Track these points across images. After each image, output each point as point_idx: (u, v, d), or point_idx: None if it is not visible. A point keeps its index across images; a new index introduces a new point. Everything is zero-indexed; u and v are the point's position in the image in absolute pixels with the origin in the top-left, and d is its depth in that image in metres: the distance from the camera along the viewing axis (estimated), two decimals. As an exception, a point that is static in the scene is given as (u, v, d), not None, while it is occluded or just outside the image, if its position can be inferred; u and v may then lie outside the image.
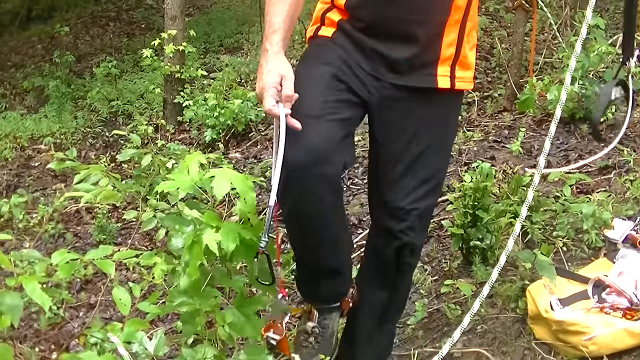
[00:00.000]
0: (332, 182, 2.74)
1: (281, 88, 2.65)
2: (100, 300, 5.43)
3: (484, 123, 6.87)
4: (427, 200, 3.08)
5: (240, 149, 8.11)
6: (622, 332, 3.59)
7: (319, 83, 2.81)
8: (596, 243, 4.38)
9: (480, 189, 4.50)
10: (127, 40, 12.41)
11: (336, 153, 2.70)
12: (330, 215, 2.84)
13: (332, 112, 2.75)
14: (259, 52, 10.01)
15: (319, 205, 2.74)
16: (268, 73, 2.68)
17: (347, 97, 2.84)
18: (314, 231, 2.84)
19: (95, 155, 9.07)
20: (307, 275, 3.10)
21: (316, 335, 3.10)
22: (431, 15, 2.87)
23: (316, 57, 2.97)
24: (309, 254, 2.98)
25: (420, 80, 2.95)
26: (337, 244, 2.98)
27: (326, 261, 2.97)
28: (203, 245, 2.81)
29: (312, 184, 2.66)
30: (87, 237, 7.03)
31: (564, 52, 6.78)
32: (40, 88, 10.84)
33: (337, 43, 2.94)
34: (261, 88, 2.68)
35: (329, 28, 2.99)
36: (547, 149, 3.21)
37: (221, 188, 2.89)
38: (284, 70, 2.68)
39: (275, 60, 2.72)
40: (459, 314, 4.24)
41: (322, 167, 2.65)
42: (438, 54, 2.93)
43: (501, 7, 8.93)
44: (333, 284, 3.09)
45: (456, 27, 2.93)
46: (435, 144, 3.05)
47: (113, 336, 2.94)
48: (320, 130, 2.68)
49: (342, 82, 2.84)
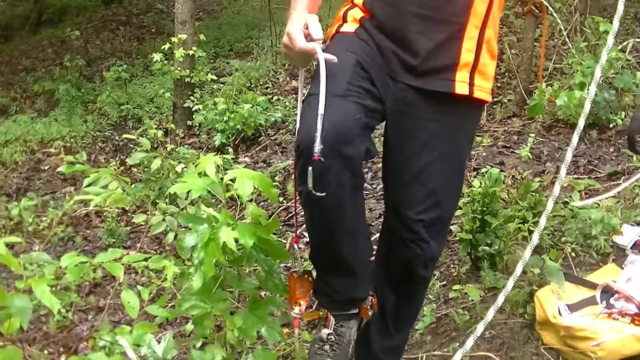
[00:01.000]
0: (353, 166, 2.63)
1: (307, 31, 2.67)
2: (109, 304, 5.45)
3: (493, 128, 6.88)
4: (434, 211, 2.97)
5: (249, 153, 8.12)
6: (630, 338, 3.58)
7: (345, 65, 2.72)
8: (605, 249, 4.38)
9: (489, 194, 4.50)
10: (137, 44, 12.43)
11: (359, 135, 2.62)
12: (349, 204, 2.73)
13: (357, 96, 2.67)
14: (269, 56, 10.09)
15: (338, 190, 2.62)
16: (293, 20, 2.72)
17: (369, 87, 2.76)
18: (331, 218, 2.72)
19: (104, 159, 9.09)
20: (322, 268, 2.98)
21: (332, 343, 2.96)
22: (446, 15, 2.82)
23: (340, 45, 2.87)
24: (324, 243, 2.86)
25: (437, 85, 2.86)
26: (354, 237, 2.86)
27: (341, 253, 2.84)
28: (221, 243, 2.79)
29: (332, 164, 2.54)
30: (96, 241, 7.05)
31: (573, 58, 6.78)
32: (51, 92, 10.87)
33: (361, 38, 2.88)
34: (288, 33, 2.69)
35: (352, 24, 2.93)
36: (568, 159, 3.15)
37: (245, 188, 2.89)
38: (308, 16, 2.71)
39: (299, 13, 2.75)
40: (467, 319, 4.24)
41: (344, 147, 2.55)
42: (457, 59, 2.86)
43: (511, 13, 8.94)
44: (348, 283, 2.96)
45: (475, 33, 2.88)
46: (447, 154, 2.94)
47: (122, 339, 2.95)
48: (344, 109, 2.60)
49: (366, 72, 2.77)
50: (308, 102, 2.66)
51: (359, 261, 2.94)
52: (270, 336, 3.08)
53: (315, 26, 2.68)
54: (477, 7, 2.85)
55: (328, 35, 3.02)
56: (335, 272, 2.94)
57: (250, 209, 3.03)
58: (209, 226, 2.92)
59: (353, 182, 2.68)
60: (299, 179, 2.63)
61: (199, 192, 2.95)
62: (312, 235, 2.91)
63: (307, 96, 2.71)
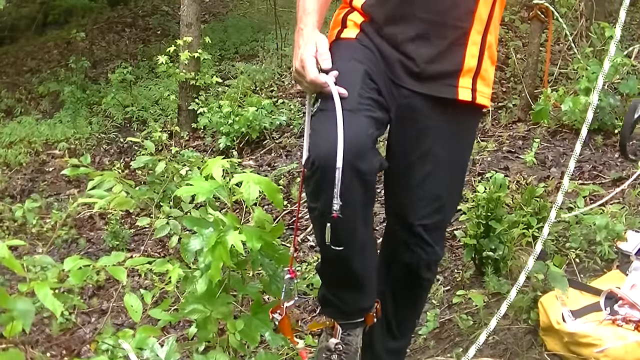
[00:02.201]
0: (367, 181, 2.61)
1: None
2: (112, 307, 5.45)
3: (498, 133, 6.87)
4: (436, 216, 2.99)
5: (254, 156, 8.13)
6: (634, 345, 3.57)
7: (354, 76, 2.71)
8: (609, 255, 4.37)
9: (493, 199, 4.49)
10: (143, 46, 12.44)
11: (372, 149, 2.62)
12: (361, 220, 2.72)
13: (368, 109, 2.66)
14: (274, 59, 10.10)
15: (351, 208, 2.59)
16: (305, 45, 2.69)
17: (378, 97, 2.74)
18: (343, 236, 2.68)
19: (109, 161, 9.11)
20: (330, 282, 2.97)
21: (339, 353, 2.94)
22: (451, 20, 2.81)
23: (346, 54, 2.84)
24: (334, 259, 2.81)
25: (440, 90, 2.85)
26: (364, 252, 2.84)
27: (351, 267, 2.82)
28: (229, 246, 2.79)
29: (348, 181, 2.52)
30: (100, 243, 7.06)
31: (579, 63, 6.78)
32: (56, 93, 10.90)
33: (363, 44, 2.86)
34: (301, 61, 2.67)
35: (353, 30, 2.92)
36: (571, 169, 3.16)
37: (251, 192, 2.89)
38: (319, 40, 2.69)
39: (310, 34, 2.73)
40: (470, 325, 4.23)
41: (360, 163, 2.54)
42: (461, 65, 2.85)
43: (517, 18, 8.94)
44: (357, 296, 2.95)
45: (478, 39, 2.86)
46: (451, 159, 2.96)
47: (124, 342, 2.94)
48: (358, 125, 2.58)
49: (374, 82, 2.75)
50: (318, 117, 2.66)
51: (368, 273, 2.93)
52: (274, 340, 3.08)
53: (324, 55, 2.67)
54: (481, 12, 2.84)
55: (329, 40, 2.94)
56: (344, 285, 2.92)
57: (256, 213, 3.03)
58: (215, 230, 2.92)
59: (366, 197, 2.67)
60: (311, 197, 2.65)
61: (205, 195, 2.95)
62: (323, 250, 2.87)
63: (317, 110, 2.69)
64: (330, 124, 2.52)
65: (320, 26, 2.83)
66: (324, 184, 2.52)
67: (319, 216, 2.65)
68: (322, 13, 2.86)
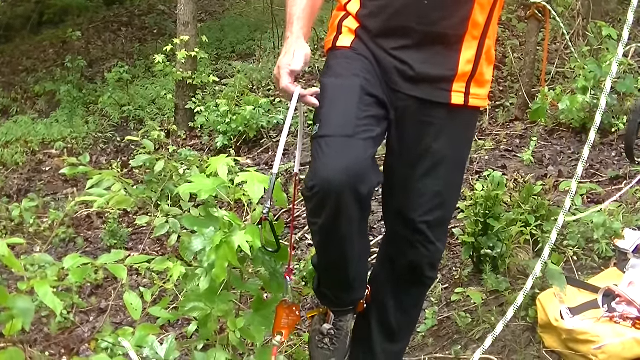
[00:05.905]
0: (364, 201, 2.72)
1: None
2: (111, 305, 5.45)
3: (496, 132, 6.88)
4: (437, 212, 3.05)
5: (251, 155, 8.12)
6: (631, 342, 3.58)
7: (351, 98, 2.79)
8: (607, 253, 4.38)
9: (491, 197, 4.50)
10: (139, 45, 12.42)
11: (370, 168, 2.71)
12: (357, 235, 2.83)
13: (365, 130, 2.73)
14: (271, 58, 10.08)
15: (348, 226, 2.73)
16: (284, 54, 2.77)
17: (376, 112, 2.82)
18: (340, 249, 2.84)
19: (106, 160, 9.09)
20: (328, 285, 3.08)
21: (331, 337, 3.12)
22: (444, 29, 2.83)
23: (342, 68, 2.92)
24: (331, 266, 2.98)
25: (433, 95, 2.90)
26: (360, 261, 2.99)
27: (347, 274, 2.96)
28: (235, 246, 2.81)
29: (348, 204, 2.65)
30: (97, 242, 7.05)
31: (576, 62, 6.78)
32: (52, 93, 10.87)
33: (359, 52, 2.91)
34: (277, 68, 2.77)
35: (348, 36, 2.96)
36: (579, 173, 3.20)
37: (256, 191, 2.92)
38: (298, 48, 2.77)
39: (294, 43, 2.79)
40: (469, 322, 4.24)
41: (359, 187, 2.64)
42: (455, 70, 2.88)
43: (514, 17, 8.94)
44: (350, 293, 3.08)
45: (475, 44, 2.89)
46: (450, 157, 3.01)
47: (124, 340, 2.95)
48: (356, 151, 2.67)
49: (371, 95, 2.82)
50: (319, 143, 2.72)
51: (362, 276, 3.11)
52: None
53: (297, 58, 2.76)
54: (477, 18, 2.86)
55: (325, 47, 3.08)
56: (338, 286, 3.06)
57: (257, 212, 3.04)
58: (219, 229, 2.93)
59: (362, 214, 2.79)
60: (312, 213, 2.76)
61: (208, 193, 2.96)
62: (320, 257, 3.00)
63: (316, 137, 2.75)
64: (330, 151, 2.65)
65: (308, 32, 2.93)
66: (325, 206, 2.65)
67: (319, 230, 2.79)
68: (310, 18, 2.92)
